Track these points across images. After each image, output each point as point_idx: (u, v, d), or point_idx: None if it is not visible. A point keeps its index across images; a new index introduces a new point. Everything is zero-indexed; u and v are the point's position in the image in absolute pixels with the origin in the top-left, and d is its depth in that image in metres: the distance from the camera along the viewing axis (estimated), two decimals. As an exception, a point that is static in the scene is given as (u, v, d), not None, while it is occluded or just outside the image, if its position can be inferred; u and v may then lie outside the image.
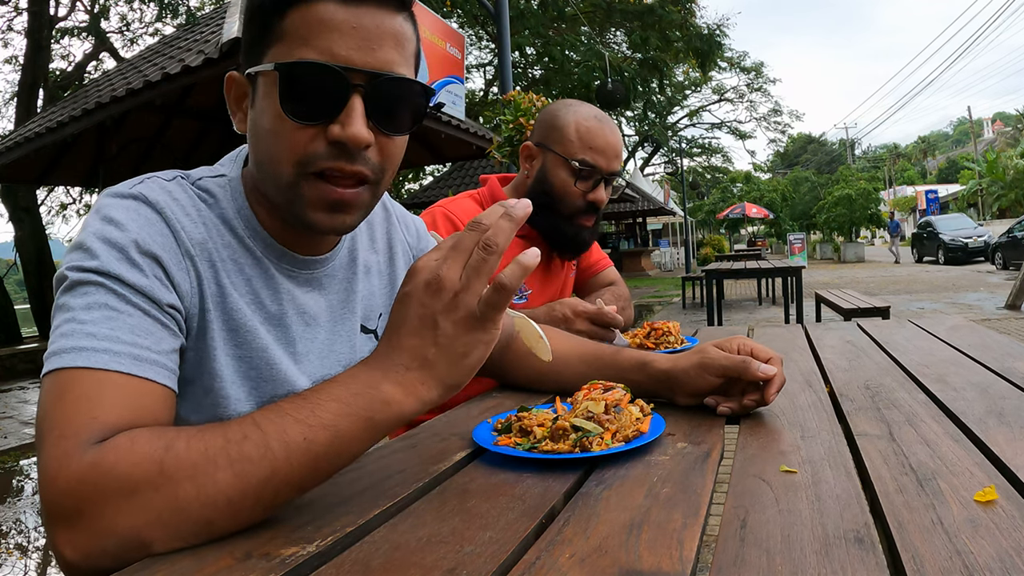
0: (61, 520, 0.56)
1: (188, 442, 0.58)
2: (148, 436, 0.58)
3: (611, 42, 15.85)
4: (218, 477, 0.56)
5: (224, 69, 6.12)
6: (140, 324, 0.66)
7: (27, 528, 3.47)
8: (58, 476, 0.56)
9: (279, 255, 0.82)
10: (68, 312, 0.65)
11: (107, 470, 0.56)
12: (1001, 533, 0.51)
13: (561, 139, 1.56)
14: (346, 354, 0.89)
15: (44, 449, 0.59)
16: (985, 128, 61.66)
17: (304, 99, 0.71)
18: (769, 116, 39.56)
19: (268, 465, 0.57)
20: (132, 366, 0.64)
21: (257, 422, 0.59)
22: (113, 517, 0.55)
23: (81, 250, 0.68)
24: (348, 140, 0.70)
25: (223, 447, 0.57)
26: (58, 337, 0.64)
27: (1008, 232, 15.94)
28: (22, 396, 7.25)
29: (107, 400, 0.61)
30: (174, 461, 0.56)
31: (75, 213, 16.37)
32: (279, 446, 0.58)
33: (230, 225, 0.79)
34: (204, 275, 0.75)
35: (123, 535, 0.55)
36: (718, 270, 7.59)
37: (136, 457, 0.56)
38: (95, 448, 0.57)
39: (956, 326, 1.59)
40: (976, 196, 33.58)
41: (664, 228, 31.41)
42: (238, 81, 0.79)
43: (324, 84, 0.70)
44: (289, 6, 0.72)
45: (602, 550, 0.51)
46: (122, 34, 14.55)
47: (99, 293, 0.66)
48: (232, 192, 0.81)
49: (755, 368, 0.87)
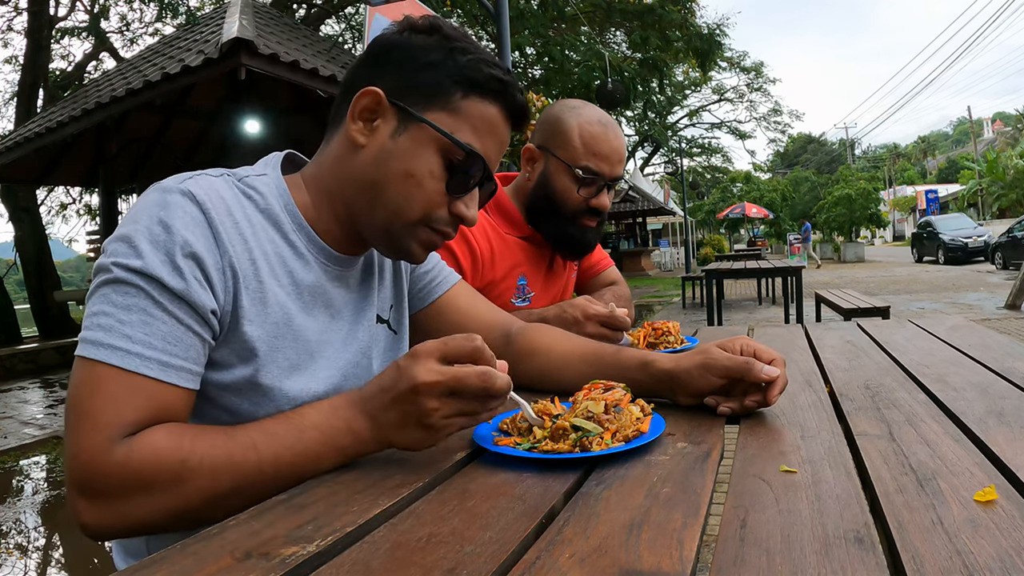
0: (87, 497, 0.69)
1: (200, 460, 0.70)
2: (167, 444, 0.70)
3: (611, 42, 15.83)
4: (220, 489, 0.71)
5: (224, 69, 6.14)
6: (172, 332, 0.74)
7: (27, 528, 3.47)
8: (90, 464, 0.68)
9: (318, 248, 0.89)
10: (109, 306, 0.73)
11: (134, 471, 0.68)
12: (1001, 533, 0.51)
13: (564, 144, 1.54)
14: (365, 341, 0.96)
15: (77, 436, 0.69)
16: (985, 128, 61.63)
17: (459, 176, 0.87)
18: (769, 116, 39.52)
19: (259, 480, 0.72)
20: (160, 371, 0.73)
21: (257, 447, 0.72)
22: (132, 507, 0.69)
23: (128, 245, 0.74)
24: (467, 221, 0.89)
25: (228, 466, 0.71)
26: (96, 327, 0.72)
27: (1008, 232, 15.94)
28: (22, 396, 7.25)
29: (135, 401, 0.71)
30: (189, 473, 0.70)
31: (75, 213, 16.37)
32: (271, 469, 0.72)
33: (274, 220, 0.86)
34: (242, 273, 0.80)
35: (137, 520, 0.70)
36: (718, 270, 7.59)
37: (159, 464, 0.69)
38: (123, 445, 0.69)
39: (956, 326, 1.59)
40: (976, 196, 33.57)
41: (664, 228, 31.41)
42: (382, 103, 0.86)
43: (476, 175, 0.88)
44: (472, 91, 0.86)
45: (602, 550, 0.51)
46: (122, 34, 14.52)
47: (139, 297, 0.73)
48: (277, 190, 0.88)
49: (758, 370, 0.87)
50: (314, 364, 0.87)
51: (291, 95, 8.82)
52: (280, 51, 6.31)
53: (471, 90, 0.86)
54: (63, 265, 36.29)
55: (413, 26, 0.89)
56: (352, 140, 0.87)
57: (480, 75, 0.87)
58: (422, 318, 1.10)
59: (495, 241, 1.56)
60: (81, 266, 25.53)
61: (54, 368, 9.10)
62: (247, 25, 6.28)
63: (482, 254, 1.51)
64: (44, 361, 9.23)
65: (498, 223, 1.60)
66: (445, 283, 1.11)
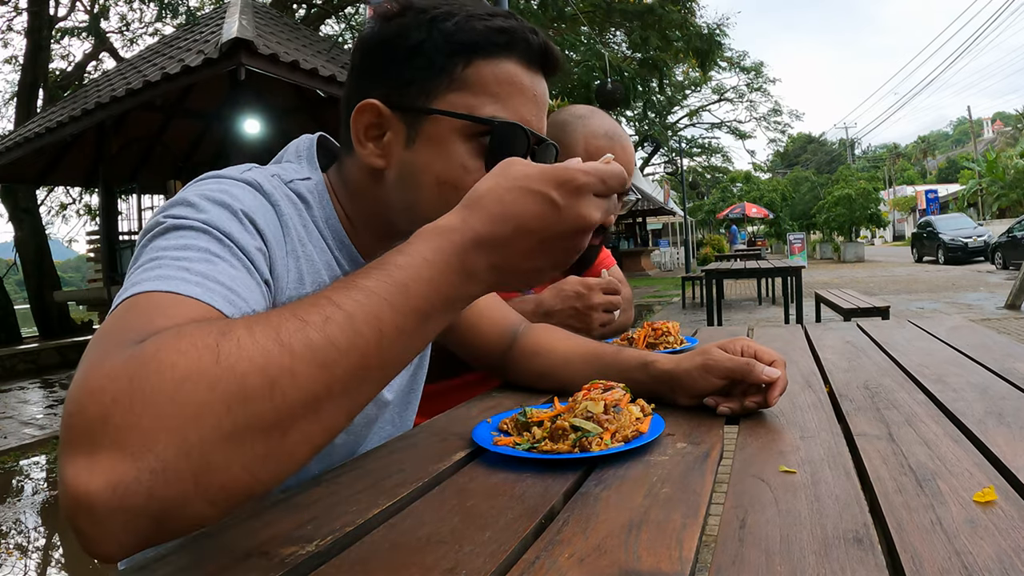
0: (80, 436, 0.40)
1: (250, 326, 0.45)
2: (199, 325, 0.45)
3: (611, 42, 15.83)
4: (297, 369, 0.44)
5: (224, 69, 6.15)
6: (241, 277, 0.58)
7: (27, 528, 3.47)
8: (85, 379, 0.42)
9: (357, 267, 0.83)
10: (157, 252, 0.56)
11: (146, 360, 0.42)
12: (1000, 533, 0.51)
13: (569, 157, 1.52)
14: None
15: (83, 360, 0.45)
16: (985, 128, 61.66)
17: (498, 156, 0.65)
18: (769, 116, 39.54)
19: (359, 354, 0.47)
20: (224, 305, 0.54)
21: (337, 302, 0.47)
22: (153, 425, 0.40)
23: (185, 205, 0.61)
24: None
25: (300, 329, 0.45)
26: (139, 272, 0.54)
27: (1008, 232, 15.95)
28: (22, 396, 7.25)
29: (180, 315, 0.50)
30: (234, 348, 0.43)
31: (75, 213, 16.38)
32: (371, 332, 0.47)
33: (321, 232, 0.79)
34: (305, 277, 0.74)
35: (167, 453, 0.40)
36: (718, 270, 7.59)
37: (184, 345, 0.42)
38: (135, 344, 0.44)
39: (956, 326, 1.59)
40: (976, 196, 33.58)
41: (664, 228, 31.41)
42: (384, 115, 0.75)
43: (520, 144, 0.73)
44: (475, 55, 0.72)
45: (601, 550, 0.51)
46: (122, 34, 14.54)
47: (202, 238, 0.58)
48: (320, 199, 0.79)
49: (759, 371, 0.86)
50: None
51: (291, 95, 8.83)
52: (280, 51, 6.31)
53: (473, 54, 0.73)
54: (63, 265, 36.25)
55: (383, 15, 0.77)
56: (370, 166, 0.77)
57: (475, 34, 0.73)
58: None
59: None
60: (81, 266, 25.44)
61: (54, 368, 9.10)
62: (247, 25, 6.28)
63: None
64: (44, 361, 9.24)
65: None
66: None
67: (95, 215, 14.26)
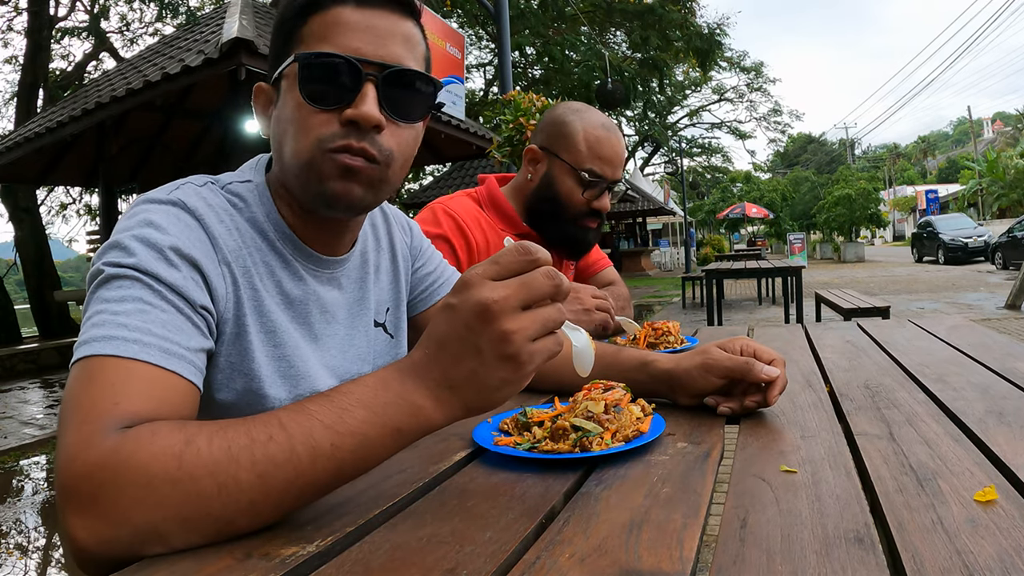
0: (76, 504, 0.55)
1: (210, 439, 0.56)
2: (169, 429, 0.57)
3: (611, 42, 15.84)
4: (240, 477, 0.55)
5: (224, 69, 6.14)
6: (172, 320, 0.68)
7: (27, 528, 3.47)
8: (76, 459, 0.56)
9: (306, 256, 0.86)
10: (101, 304, 0.66)
11: (125, 459, 0.55)
12: (1001, 533, 0.51)
13: (569, 147, 1.57)
14: (364, 347, 0.94)
15: (66, 433, 0.58)
16: (985, 128, 61.64)
17: (322, 87, 0.77)
18: (769, 116, 39.58)
19: (292, 468, 0.56)
20: (161, 358, 0.64)
21: (283, 423, 0.58)
22: (129, 507, 0.54)
23: (118, 248, 0.70)
24: (359, 118, 0.76)
25: (247, 446, 0.56)
26: (90, 327, 0.65)
27: (1008, 232, 15.94)
28: (22, 396, 7.25)
29: (133, 389, 0.61)
30: (194, 457, 0.55)
31: (75, 213, 16.40)
32: (305, 451, 0.57)
33: (260, 228, 0.83)
34: (240, 280, 0.79)
35: (138, 526, 0.54)
36: (718, 270, 7.59)
37: (156, 449, 0.55)
38: (116, 435, 0.57)
39: (956, 326, 1.59)
40: (976, 196, 33.58)
41: (664, 228, 31.41)
42: (265, 90, 0.86)
43: (339, 72, 0.77)
44: (310, 13, 0.79)
45: (602, 550, 0.51)
46: (122, 34, 14.55)
47: (134, 287, 0.67)
48: (260, 196, 0.85)
49: (759, 370, 0.87)
50: (312, 373, 0.84)
51: (291, 95, 8.81)
52: (280, 51, 6.29)
53: (310, 14, 0.79)
54: (63, 265, 36.27)
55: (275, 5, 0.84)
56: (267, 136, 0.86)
57: None
58: (423, 320, 1.06)
59: (491, 235, 1.59)
60: (81, 266, 25.47)
61: (54, 368, 9.10)
62: (247, 25, 6.28)
63: (478, 245, 1.55)
64: (44, 361, 9.23)
65: (494, 220, 1.63)
66: (448, 284, 1.09)
67: (95, 215, 14.29)
